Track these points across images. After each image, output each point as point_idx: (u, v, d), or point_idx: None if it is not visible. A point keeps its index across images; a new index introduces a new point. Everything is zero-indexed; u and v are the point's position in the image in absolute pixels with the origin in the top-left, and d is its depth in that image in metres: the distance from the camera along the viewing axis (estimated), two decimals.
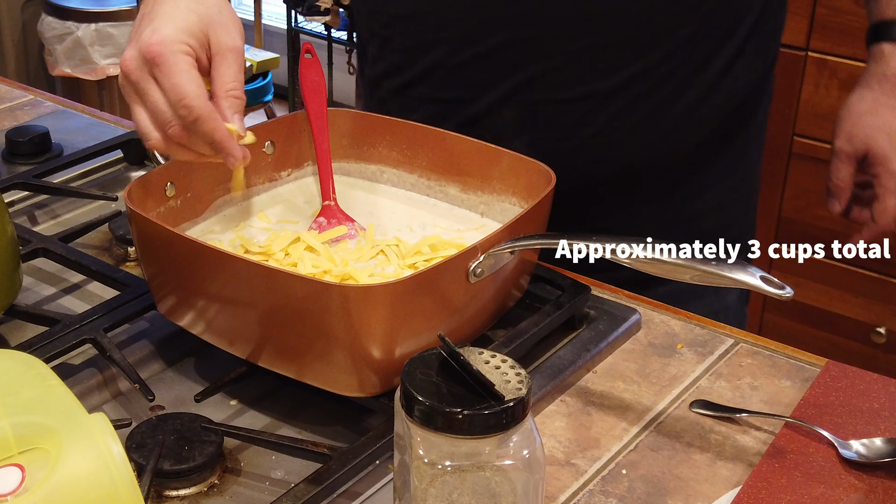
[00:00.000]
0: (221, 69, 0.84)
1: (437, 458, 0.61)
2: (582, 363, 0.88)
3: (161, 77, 0.81)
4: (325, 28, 3.41)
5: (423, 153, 1.01)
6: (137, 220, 0.84)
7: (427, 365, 0.63)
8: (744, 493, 0.75)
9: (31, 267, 1.01)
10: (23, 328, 0.92)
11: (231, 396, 0.85)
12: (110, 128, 1.31)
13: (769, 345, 0.93)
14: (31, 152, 1.21)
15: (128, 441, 0.75)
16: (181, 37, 0.82)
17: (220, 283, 0.81)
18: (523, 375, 0.63)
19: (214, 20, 0.84)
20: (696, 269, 0.76)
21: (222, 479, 0.77)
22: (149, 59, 0.81)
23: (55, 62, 3.22)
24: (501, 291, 0.87)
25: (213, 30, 0.84)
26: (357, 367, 0.78)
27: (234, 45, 0.85)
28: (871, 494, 0.75)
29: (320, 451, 0.77)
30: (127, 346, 0.89)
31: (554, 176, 0.89)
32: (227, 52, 0.84)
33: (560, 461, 0.79)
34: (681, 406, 0.85)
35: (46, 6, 3.22)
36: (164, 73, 0.81)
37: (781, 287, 0.73)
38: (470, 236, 0.95)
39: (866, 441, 0.79)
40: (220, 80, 0.84)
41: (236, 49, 0.85)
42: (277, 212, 1.00)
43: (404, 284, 0.76)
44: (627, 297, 0.99)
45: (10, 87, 1.43)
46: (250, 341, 0.83)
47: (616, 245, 0.79)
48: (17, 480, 0.55)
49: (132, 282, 0.93)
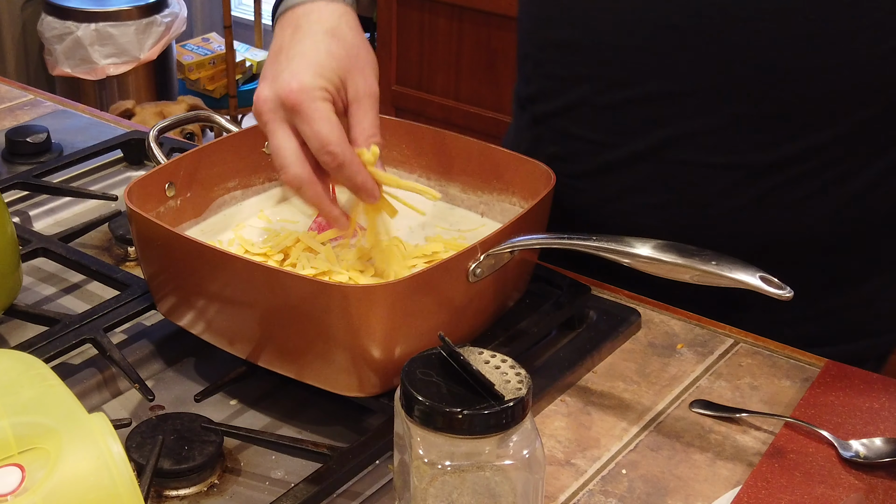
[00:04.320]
0: (359, 116, 0.84)
1: (436, 457, 0.61)
2: (582, 363, 0.88)
3: (301, 124, 0.81)
4: None
5: (423, 153, 1.01)
6: (137, 220, 0.84)
7: (427, 365, 0.63)
8: (744, 493, 0.75)
9: (31, 267, 1.01)
10: (23, 328, 0.92)
11: (231, 396, 0.85)
12: (110, 128, 1.31)
13: (769, 345, 0.93)
14: (31, 152, 1.21)
15: (128, 441, 0.75)
16: (320, 83, 0.82)
17: (220, 283, 0.81)
18: (523, 375, 0.63)
19: (353, 64, 0.84)
20: (696, 268, 0.76)
21: (222, 479, 0.77)
22: (287, 106, 0.81)
23: (55, 62, 3.22)
24: (501, 291, 0.87)
25: (352, 75, 0.84)
26: (357, 367, 0.78)
27: (370, 91, 0.84)
28: (871, 494, 0.75)
29: (320, 451, 0.77)
30: (127, 346, 0.89)
31: (554, 176, 0.89)
32: (363, 99, 0.84)
33: (560, 461, 0.79)
34: (681, 406, 0.86)
35: (46, 6, 3.22)
36: (306, 121, 0.81)
37: (781, 287, 0.73)
38: (470, 236, 0.95)
39: (866, 441, 0.79)
40: (360, 127, 0.84)
41: (373, 95, 0.84)
42: (277, 212, 1.00)
43: (404, 284, 0.76)
44: (627, 297, 0.99)
45: (10, 87, 1.43)
46: (250, 341, 0.83)
47: (616, 245, 0.79)
48: (17, 480, 0.55)
49: (132, 282, 0.93)
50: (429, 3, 2.63)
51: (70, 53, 3.19)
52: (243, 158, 0.99)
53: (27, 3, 3.33)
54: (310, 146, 0.82)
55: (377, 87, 0.85)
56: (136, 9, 3.20)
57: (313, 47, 0.83)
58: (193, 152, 0.96)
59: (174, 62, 3.48)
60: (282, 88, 0.81)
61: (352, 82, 0.84)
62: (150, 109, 2.87)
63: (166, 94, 3.39)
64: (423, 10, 2.65)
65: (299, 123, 0.81)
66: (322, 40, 0.84)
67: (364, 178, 0.83)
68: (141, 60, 3.23)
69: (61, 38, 3.18)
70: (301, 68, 0.82)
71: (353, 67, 0.84)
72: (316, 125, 0.81)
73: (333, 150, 0.81)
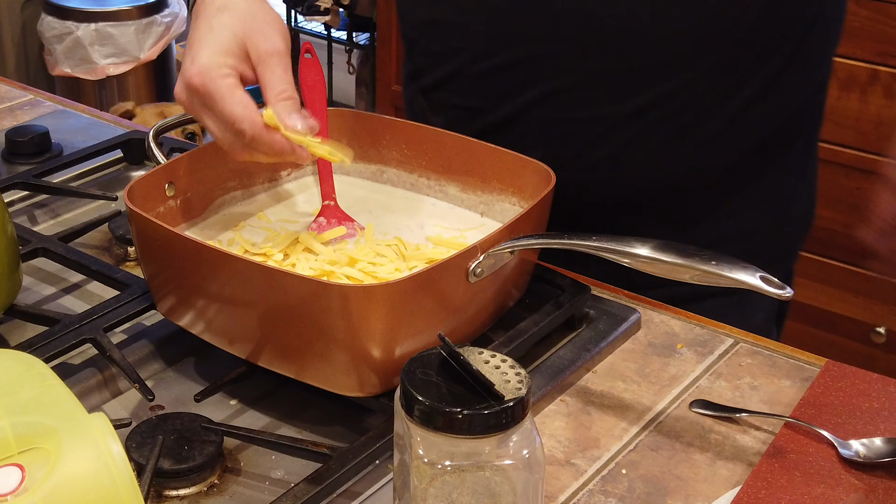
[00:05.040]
0: (266, 76, 0.85)
1: (436, 457, 0.61)
2: (582, 363, 0.88)
3: (210, 105, 0.83)
4: (324, 28, 3.41)
5: (422, 153, 1.01)
6: (137, 220, 0.84)
7: (427, 365, 0.63)
8: (744, 493, 0.75)
9: (31, 267, 1.01)
10: (23, 328, 0.92)
11: (231, 396, 0.85)
12: (110, 128, 1.31)
13: (769, 345, 0.93)
14: (31, 152, 1.21)
15: (128, 441, 0.75)
16: (218, 60, 0.83)
17: (219, 283, 0.81)
18: (523, 375, 0.63)
19: (249, 28, 0.85)
20: (696, 268, 0.76)
21: (222, 479, 0.77)
22: (193, 90, 0.83)
23: (55, 62, 3.22)
24: (501, 291, 0.87)
25: (250, 39, 0.85)
26: (357, 367, 0.78)
27: (273, 48, 0.85)
28: (871, 494, 0.75)
29: (320, 451, 0.77)
30: (127, 346, 0.89)
31: (554, 176, 0.89)
32: (267, 58, 0.85)
33: (560, 461, 0.79)
34: (680, 406, 0.86)
35: (46, 6, 3.21)
36: (211, 102, 0.83)
37: (781, 287, 0.73)
38: (470, 236, 0.95)
39: (866, 441, 0.79)
40: (268, 86, 0.85)
41: (276, 52, 0.85)
42: (277, 212, 1.00)
43: (404, 284, 0.76)
44: (627, 297, 0.99)
45: (10, 87, 1.43)
46: (250, 341, 0.83)
47: (616, 245, 0.79)
48: (17, 480, 0.55)
49: (132, 282, 0.93)
50: None
51: (70, 53, 3.19)
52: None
53: (27, 3, 3.33)
54: (224, 125, 0.83)
55: (281, 43, 0.86)
56: (136, 9, 3.20)
57: (207, 28, 0.85)
58: (193, 152, 0.96)
59: (174, 62, 3.47)
60: (185, 75, 0.84)
61: (252, 46, 0.85)
62: (151, 110, 2.87)
63: (166, 94, 3.39)
64: None
65: (210, 106, 0.83)
66: (214, 17, 0.86)
67: (282, 145, 0.84)
68: (141, 60, 3.23)
69: (61, 38, 3.18)
70: (199, 52, 0.84)
71: (251, 31, 0.85)
72: (219, 104, 0.82)
73: (241, 127, 0.82)
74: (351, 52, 3.33)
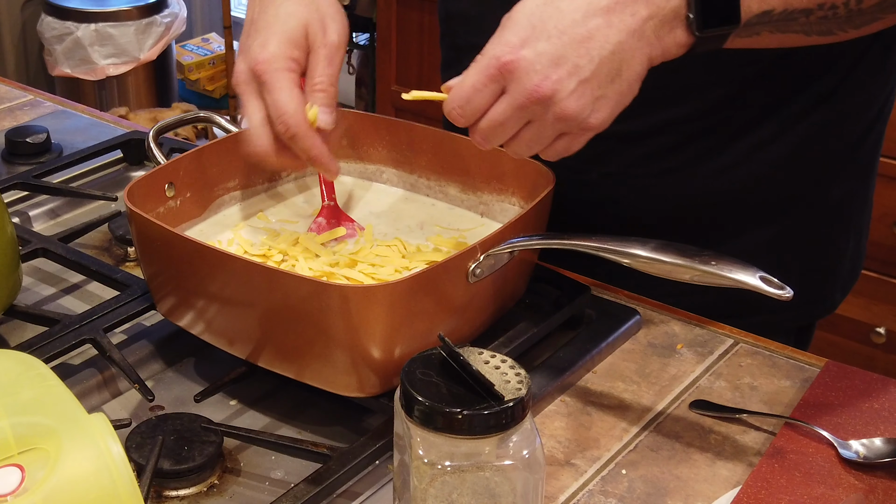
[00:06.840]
0: (311, 66, 0.87)
1: (436, 458, 0.61)
2: (582, 363, 0.88)
3: (265, 94, 0.85)
4: None
5: (423, 153, 1.01)
6: (137, 220, 0.84)
7: (427, 365, 0.63)
8: (743, 493, 0.75)
9: (31, 267, 1.01)
10: (23, 328, 0.92)
11: (231, 396, 0.85)
12: (110, 128, 1.31)
13: (769, 345, 0.93)
14: (30, 152, 1.21)
15: (128, 441, 0.75)
16: (285, 51, 0.85)
17: (219, 284, 0.81)
18: (523, 375, 0.63)
19: (313, 19, 0.87)
20: (696, 268, 0.76)
21: (222, 479, 0.77)
22: (256, 75, 0.85)
23: (55, 62, 3.22)
24: (501, 291, 0.87)
25: (311, 30, 0.86)
26: (357, 367, 0.78)
27: (326, 40, 0.86)
28: (871, 494, 0.75)
29: (320, 451, 0.77)
30: (127, 346, 0.89)
31: (554, 176, 0.89)
32: (318, 49, 0.86)
33: (560, 461, 0.79)
34: (680, 406, 0.85)
35: (46, 6, 3.22)
36: (267, 90, 0.85)
37: (781, 287, 0.73)
38: (470, 236, 0.95)
39: (866, 441, 0.79)
40: (308, 76, 0.86)
41: (328, 44, 0.86)
42: (277, 212, 1.00)
43: (404, 284, 0.76)
44: (627, 297, 0.99)
45: (9, 87, 1.43)
46: (250, 341, 0.83)
47: (616, 245, 0.79)
48: (17, 480, 0.55)
49: (132, 282, 0.93)
50: (429, 4, 2.63)
51: (70, 54, 3.19)
52: (243, 158, 0.99)
53: (27, 3, 3.33)
54: (271, 115, 0.84)
55: (335, 36, 0.87)
56: (136, 9, 3.20)
57: (275, 14, 0.87)
58: (193, 152, 0.96)
59: (174, 62, 3.47)
60: (252, 60, 0.85)
61: (311, 36, 0.86)
62: (144, 116, 2.88)
63: (166, 95, 3.39)
64: (423, 10, 2.65)
65: (264, 93, 0.85)
66: (282, 5, 0.87)
67: (319, 151, 0.85)
68: (141, 61, 3.23)
69: (61, 38, 3.18)
70: (268, 38, 0.85)
71: (313, 21, 0.87)
72: (274, 94, 0.84)
73: (286, 121, 0.83)
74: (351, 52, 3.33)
